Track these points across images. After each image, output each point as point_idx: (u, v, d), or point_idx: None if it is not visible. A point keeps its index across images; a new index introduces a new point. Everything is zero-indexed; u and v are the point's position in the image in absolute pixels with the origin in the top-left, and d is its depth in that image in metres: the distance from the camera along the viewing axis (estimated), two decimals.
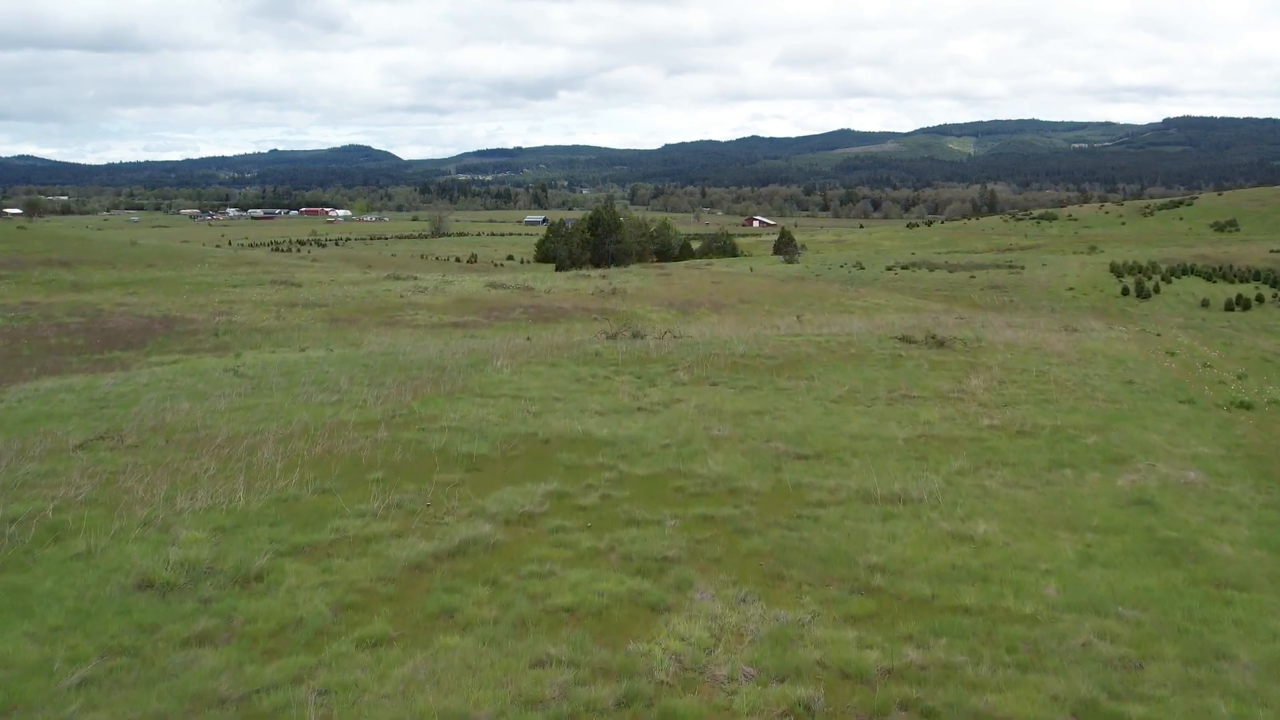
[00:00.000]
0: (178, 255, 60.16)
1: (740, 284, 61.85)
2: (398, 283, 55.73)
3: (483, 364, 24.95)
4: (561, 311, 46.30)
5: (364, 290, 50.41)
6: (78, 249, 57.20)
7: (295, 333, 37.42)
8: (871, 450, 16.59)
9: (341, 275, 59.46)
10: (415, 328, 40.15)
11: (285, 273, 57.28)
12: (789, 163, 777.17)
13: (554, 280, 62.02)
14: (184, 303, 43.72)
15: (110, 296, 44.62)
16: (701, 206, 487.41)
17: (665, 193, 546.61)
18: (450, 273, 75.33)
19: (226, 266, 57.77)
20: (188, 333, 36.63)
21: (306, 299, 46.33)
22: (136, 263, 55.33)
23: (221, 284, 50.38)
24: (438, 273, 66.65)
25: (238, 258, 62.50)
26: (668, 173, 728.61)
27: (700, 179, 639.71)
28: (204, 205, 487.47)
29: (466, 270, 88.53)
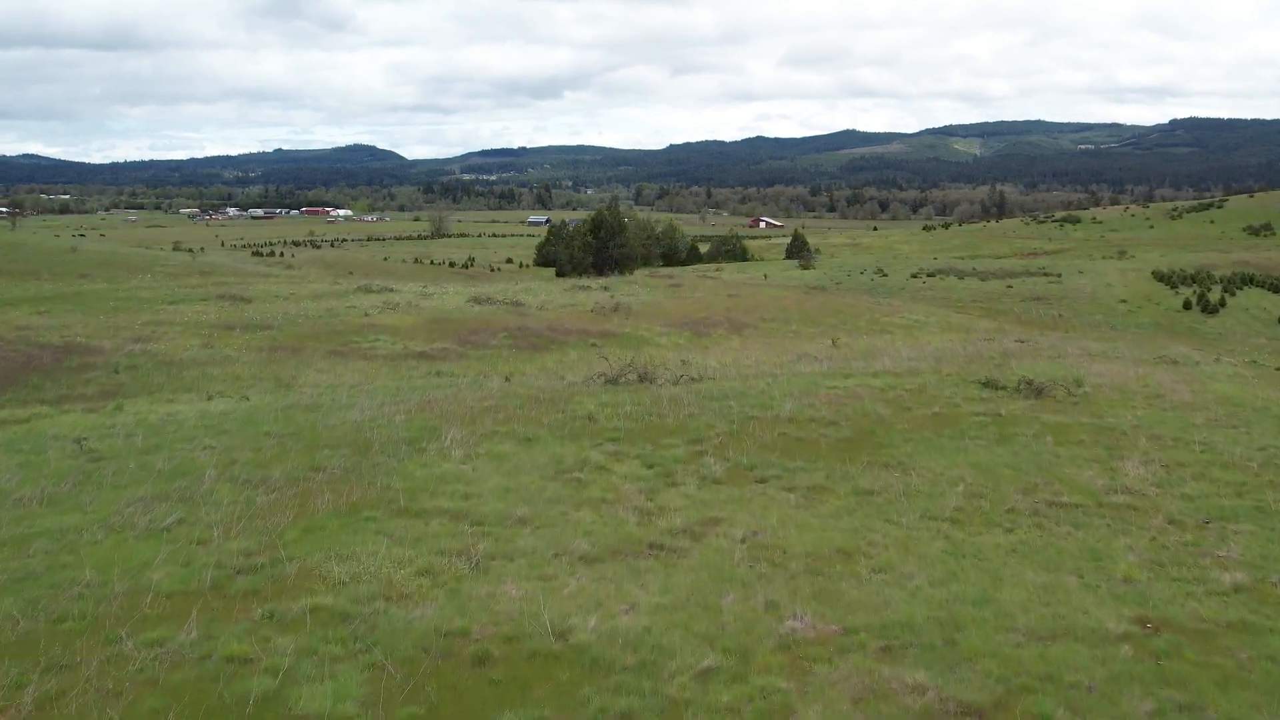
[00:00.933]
0: (122, 264, 52.53)
1: (759, 297, 54.23)
2: (368, 296, 48.14)
3: (427, 438, 17.32)
4: (553, 335, 38.68)
5: (324, 307, 42.84)
6: (4, 256, 49.54)
7: (217, 368, 29.79)
8: (1082, 681, 8.95)
9: (308, 286, 51.86)
10: (371, 359, 32.55)
11: (241, 285, 49.65)
12: (794, 163, 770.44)
13: (549, 291, 54.37)
14: (100, 325, 36.14)
15: (11, 317, 37.05)
16: (707, 207, 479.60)
17: (670, 193, 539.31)
18: (434, 281, 67.70)
19: (174, 276, 50.11)
20: (80, 368, 29.03)
21: (251, 319, 38.72)
22: (67, 273, 47.72)
23: (157, 300, 42.78)
24: (418, 282, 59.07)
25: (191, 266, 54.88)
26: (673, 173, 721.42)
27: (706, 179, 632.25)
28: (204, 205, 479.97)
29: (454, 278, 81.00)
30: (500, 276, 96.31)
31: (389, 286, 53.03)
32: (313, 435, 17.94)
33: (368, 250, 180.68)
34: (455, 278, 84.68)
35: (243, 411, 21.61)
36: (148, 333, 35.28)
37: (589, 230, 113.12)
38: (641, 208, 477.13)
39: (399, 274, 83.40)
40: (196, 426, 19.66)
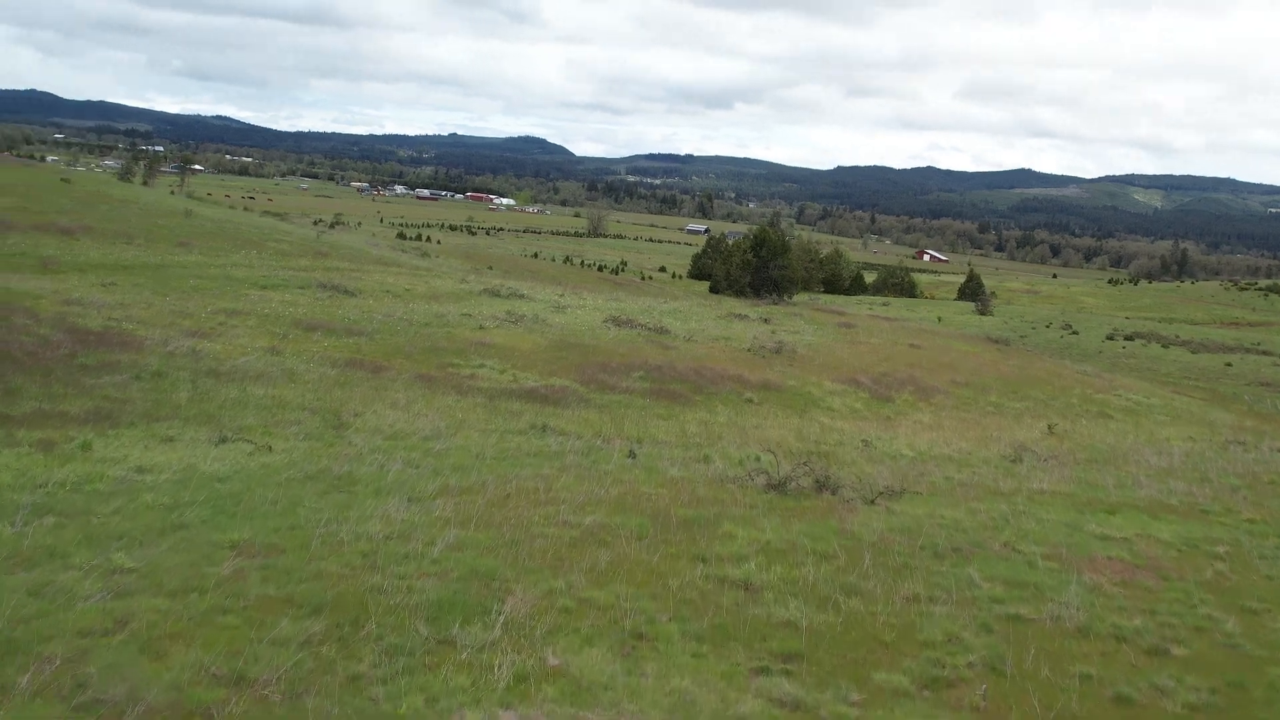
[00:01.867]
0: (231, 235, 46.79)
1: (946, 352, 45.55)
2: (491, 302, 41.20)
3: (468, 610, 9.79)
4: (700, 380, 30.91)
5: (435, 311, 35.98)
6: (104, 214, 44.34)
7: (267, 386, 22.96)
8: None
9: (430, 282, 45.29)
10: (466, 393, 25.35)
11: (355, 272, 43.31)
12: (963, 197, 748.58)
13: (701, 317, 46.71)
14: (161, 310, 29.92)
15: (70, 287, 31.13)
16: (870, 233, 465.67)
17: (833, 215, 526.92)
18: (575, 289, 60.61)
19: (284, 255, 44.09)
20: (98, 368, 22.52)
21: (342, 319, 32.03)
22: (166, 240, 42.06)
23: (248, 282, 36.58)
24: (557, 288, 52.02)
25: (310, 244, 49.04)
26: (837, 195, 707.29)
27: (870, 205, 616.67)
28: (375, 180, 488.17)
29: (599, 285, 73.94)
30: (650, 287, 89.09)
31: (520, 291, 46.06)
32: (289, 568, 10.61)
33: (520, 242, 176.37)
34: (600, 285, 77.71)
35: (234, 483, 14.54)
36: (212, 325, 28.83)
37: (750, 248, 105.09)
38: (803, 226, 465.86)
39: (540, 275, 76.92)
40: (139, 511, 12.61)
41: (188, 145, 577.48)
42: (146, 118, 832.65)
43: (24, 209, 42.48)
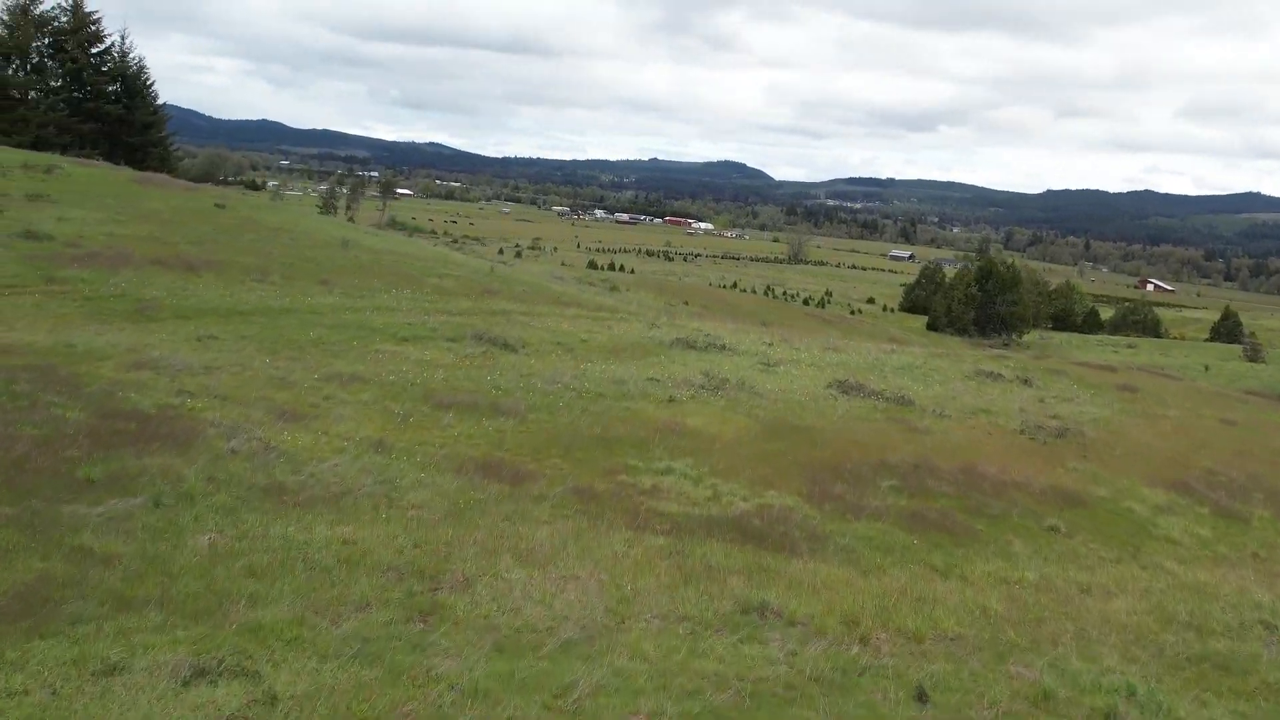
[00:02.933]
0: (389, 269, 40.06)
1: (1274, 430, 34.79)
2: (686, 357, 32.75)
3: None
4: (976, 494, 21.52)
5: (614, 376, 27.66)
6: (244, 245, 38.26)
7: (350, 517, 15.05)
8: None
9: (612, 328, 37.32)
10: (642, 527, 16.70)
11: (523, 317, 35.71)
12: (1184, 222, 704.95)
13: (945, 376, 37.14)
14: (255, 374, 22.63)
15: (154, 342, 24.22)
16: (1085, 260, 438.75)
17: (1043, 241, 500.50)
18: (784, 329, 51.86)
19: (445, 294, 36.99)
20: (104, 483, 15.04)
21: (489, 390, 24.05)
22: (305, 276, 35.44)
23: (385, 332, 29.15)
24: (762, 332, 43.55)
25: (480, 279, 42.16)
26: (1046, 219, 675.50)
27: (1084, 230, 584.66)
28: (575, 204, 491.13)
29: (806, 324, 64.74)
30: (863, 324, 79.29)
31: (720, 340, 37.53)
32: None
33: (717, 270, 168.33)
34: (808, 323, 68.56)
35: None
36: (312, 402, 21.28)
37: (975, 280, 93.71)
38: (1011, 252, 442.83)
39: (740, 311, 68.37)
40: None
41: (401, 170, 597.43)
42: (365, 145, 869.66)
43: (154, 239, 36.54)
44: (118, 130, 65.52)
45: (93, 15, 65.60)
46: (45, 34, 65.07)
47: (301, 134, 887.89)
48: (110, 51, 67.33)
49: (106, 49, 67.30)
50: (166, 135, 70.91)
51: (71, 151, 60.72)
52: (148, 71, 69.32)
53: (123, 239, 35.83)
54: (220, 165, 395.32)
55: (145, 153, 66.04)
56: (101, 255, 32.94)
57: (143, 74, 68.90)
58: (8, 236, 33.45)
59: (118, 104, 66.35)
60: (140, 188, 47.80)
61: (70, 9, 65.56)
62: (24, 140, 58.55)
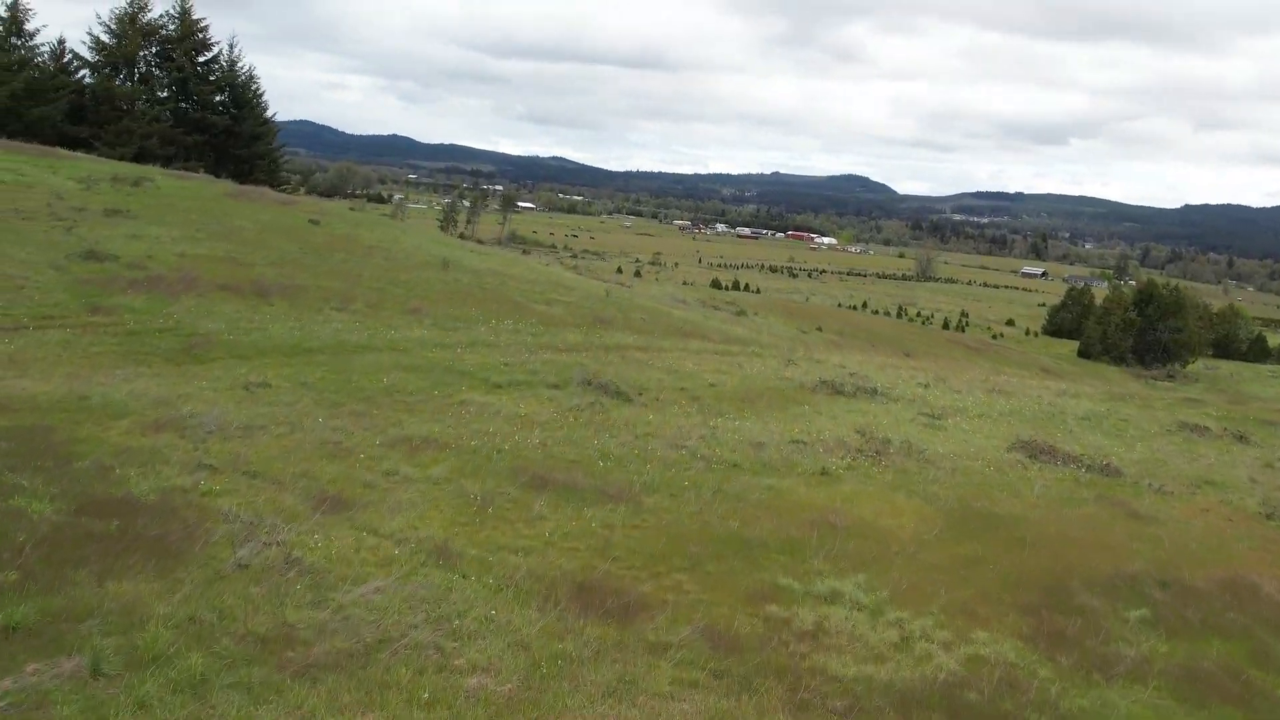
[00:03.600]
0: (492, 295, 35.48)
1: None
2: (835, 406, 27.14)
3: None
4: (1264, 639, 15.66)
5: (752, 437, 22.25)
6: (330, 268, 34.09)
7: (373, 698, 10.15)
8: None
9: (745, 367, 32.02)
10: (804, 707, 11.55)
11: (642, 354, 30.63)
12: None
13: (1140, 429, 30.84)
14: (302, 440, 17.86)
15: (190, 392, 19.69)
16: (1228, 279, 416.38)
17: (1183, 258, 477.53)
18: (932, 359, 46.02)
19: (552, 326, 32.10)
20: (22, 634, 10.46)
21: (595, 460, 18.88)
22: (392, 304, 30.96)
23: (475, 377, 24.21)
24: (907, 364, 38.19)
25: (595, 305, 37.41)
26: (1184, 235, 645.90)
27: (1224, 247, 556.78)
28: (697, 218, 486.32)
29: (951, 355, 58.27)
30: (1009, 350, 72.17)
31: (869, 383, 31.80)
32: None
33: (844, 287, 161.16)
34: (953, 351, 62.06)
35: None
36: (366, 480, 16.39)
37: (1133, 304, 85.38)
38: (1149, 270, 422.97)
39: (879, 337, 62.25)
40: None
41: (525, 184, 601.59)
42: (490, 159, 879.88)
43: (230, 259, 32.40)
44: (224, 142, 62.71)
45: (200, 23, 62.95)
46: (152, 42, 62.61)
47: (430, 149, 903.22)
48: (218, 60, 64.74)
49: (214, 58, 64.73)
50: (276, 147, 67.95)
51: (176, 164, 57.92)
52: (257, 81, 66.62)
53: (194, 259, 31.75)
54: (349, 179, 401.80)
55: (252, 165, 63.11)
56: (164, 279, 28.81)
57: (252, 84, 66.14)
58: (66, 257, 29.62)
59: (224, 115, 63.60)
60: (232, 202, 44.13)
61: (178, 16, 63.06)
62: (126, 152, 55.89)
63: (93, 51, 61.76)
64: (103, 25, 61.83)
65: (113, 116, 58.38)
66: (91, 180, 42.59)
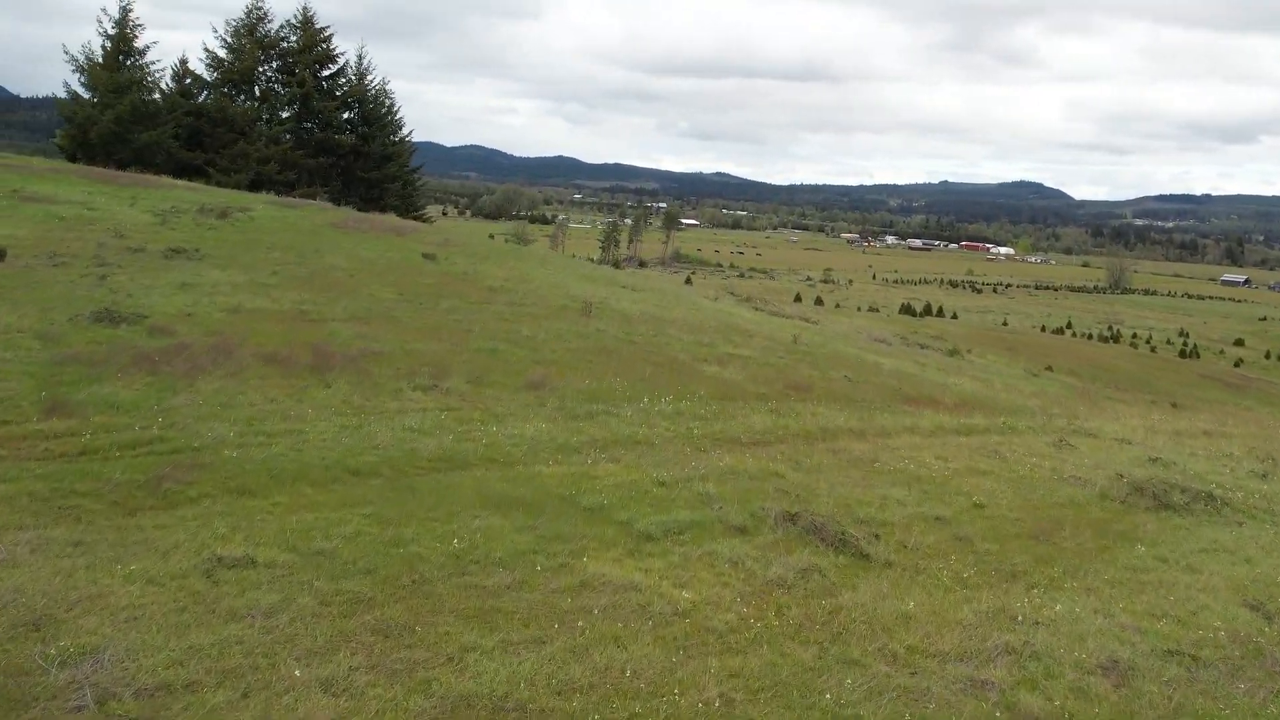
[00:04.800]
0: (645, 351, 26.39)
1: None
2: (1181, 539, 16.93)
3: None
4: None
5: (1087, 633, 12.43)
6: (430, 320, 25.62)
7: None
8: None
9: (1007, 452, 22.25)
10: None
11: (862, 454, 20.88)
12: None
13: None
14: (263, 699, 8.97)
15: (118, 588, 11.01)
16: None
17: None
18: (1218, 417, 34.75)
19: (729, 399, 22.76)
20: None
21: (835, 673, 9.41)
22: (507, 373, 22.11)
23: (614, 518, 15.00)
24: (1220, 445, 26.81)
25: (779, 362, 28.26)
26: None
27: None
28: (864, 230, 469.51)
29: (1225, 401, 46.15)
30: (1275, 385, 58.95)
31: (1185, 476, 21.19)
32: None
33: (1035, 303, 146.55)
34: (1213, 392, 49.75)
35: None
36: None
37: None
38: None
39: (1121, 376, 50.44)
40: None
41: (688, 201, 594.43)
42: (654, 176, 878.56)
43: (296, 314, 24.02)
44: (352, 164, 55.55)
45: (324, 32, 55.95)
46: (272, 56, 55.92)
47: (594, 168, 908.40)
48: (344, 73, 57.55)
49: (339, 70, 57.53)
50: (411, 169, 60.32)
51: (298, 189, 50.75)
52: (391, 96, 59.24)
53: (247, 316, 23.39)
54: (515, 200, 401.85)
55: (383, 189, 55.69)
56: (190, 349, 20.41)
57: (385, 99, 58.83)
58: (71, 319, 21.61)
59: (351, 134, 56.48)
60: (335, 234, 36.10)
61: (299, 26, 56.17)
62: (242, 179, 48.99)
63: (209, 69, 55.27)
64: (219, 39, 55.39)
65: (229, 140, 51.58)
66: (172, 213, 35.16)
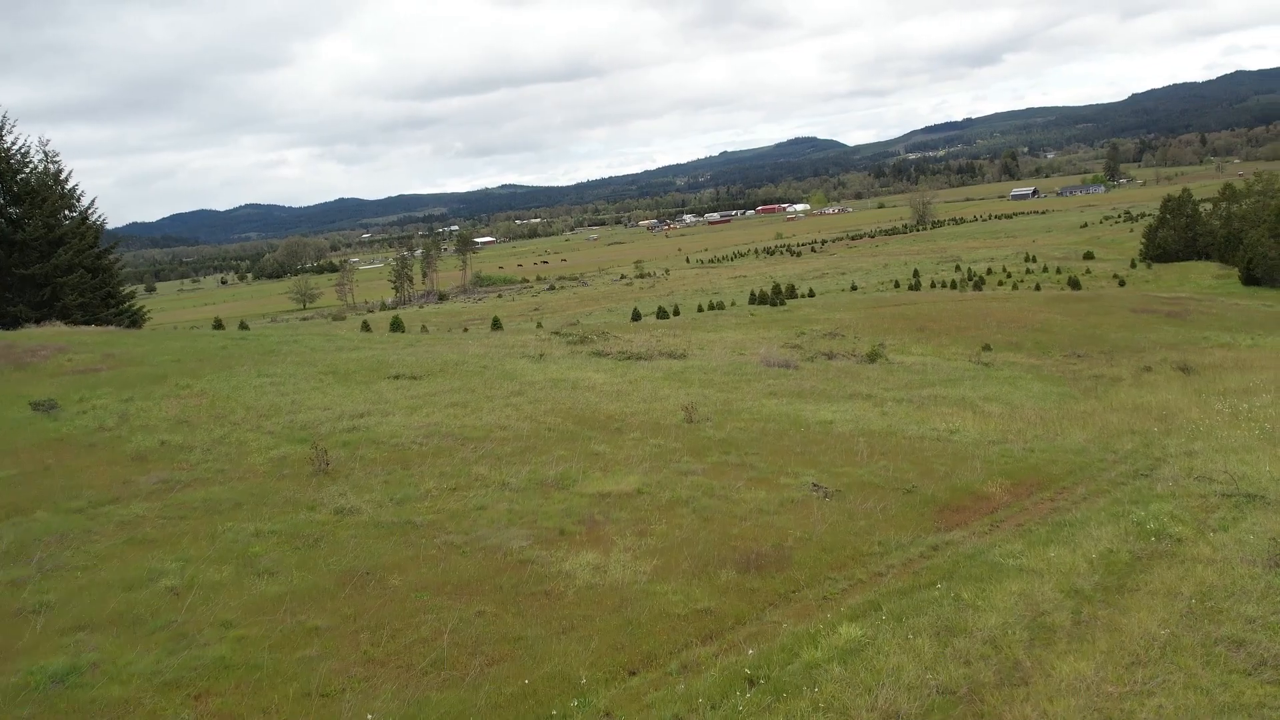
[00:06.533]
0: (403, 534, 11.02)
1: None
2: None
3: None
4: None
5: None
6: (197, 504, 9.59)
7: None
8: None
9: (1058, 553, 8.59)
10: None
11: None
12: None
13: None
14: None
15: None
16: (1210, 156, 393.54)
17: (1158, 146, 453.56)
18: (1227, 382, 22.48)
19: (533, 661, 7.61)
20: None
21: None
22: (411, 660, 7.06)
23: None
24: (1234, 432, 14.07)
25: (649, 457, 14.09)
26: (1140, 125, 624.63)
27: (1181, 127, 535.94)
28: (660, 214, 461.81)
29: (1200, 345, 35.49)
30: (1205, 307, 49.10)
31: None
32: None
33: (863, 255, 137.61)
34: (1167, 332, 39.13)
35: None
36: None
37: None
38: (1129, 165, 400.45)
39: (1059, 335, 39.43)
40: None
41: (480, 219, 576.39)
42: (441, 201, 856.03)
43: None
44: (5, 260, 39.46)
45: None
46: None
47: (378, 204, 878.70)
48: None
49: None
50: (102, 251, 43.98)
51: None
52: (57, 163, 43.05)
53: None
54: (300, 253, 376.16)
55: (56, 285, 39.78)
56: None
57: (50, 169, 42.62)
58: None
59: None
60: None
61: None
62: None
63: None
64: None
65: None
66: None
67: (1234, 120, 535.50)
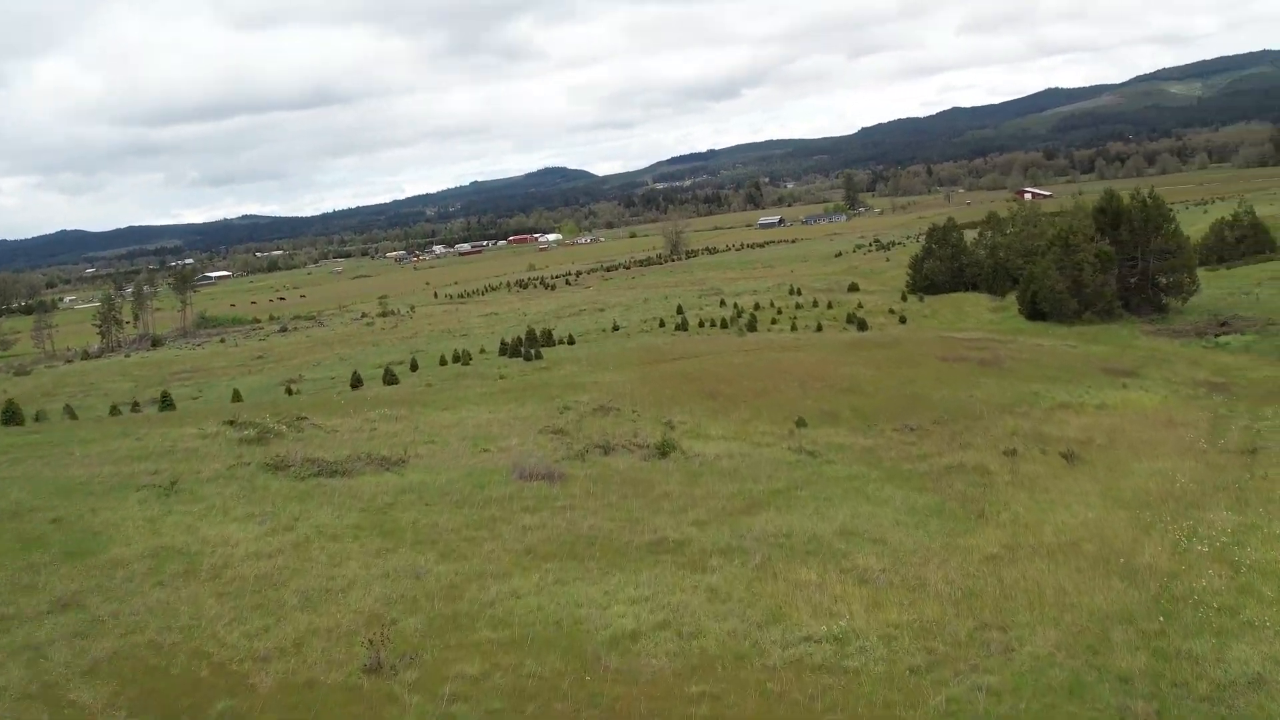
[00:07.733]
0: None
1: None
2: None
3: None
4: None
5: None
6: None
7: None
8: None
9: None
10: None
11: None
12: (999, 130, 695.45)
13: None
14: None
15: None
16: (938, 185, 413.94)
17: (891, 176, 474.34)
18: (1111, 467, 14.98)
19: None
20: None
21: None
22: None
23: None
24: None
25: None
26: (870, 156, 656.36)
27: (907, 158, 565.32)
28: (410, 245, 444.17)
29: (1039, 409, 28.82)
30: (1017, 352, 43.36)
31: None
32: None
33: (621, 289, 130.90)
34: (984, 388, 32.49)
35: None
36: None
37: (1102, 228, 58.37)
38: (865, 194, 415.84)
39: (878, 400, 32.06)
40: None
41: (218, 252, 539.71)
42: (175, 233, 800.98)
43: None
44: None
45: None
46: None
47: (106, 237, 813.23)
48: None
49: None
50: None
51: None
52: None
53: None
54: (8, 290, 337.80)
55: None
56: None
57: None
58: None
59: None
60: None
61: None
62: None
63: None
64: None
65: None
66: None
67: (954, 153, 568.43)
